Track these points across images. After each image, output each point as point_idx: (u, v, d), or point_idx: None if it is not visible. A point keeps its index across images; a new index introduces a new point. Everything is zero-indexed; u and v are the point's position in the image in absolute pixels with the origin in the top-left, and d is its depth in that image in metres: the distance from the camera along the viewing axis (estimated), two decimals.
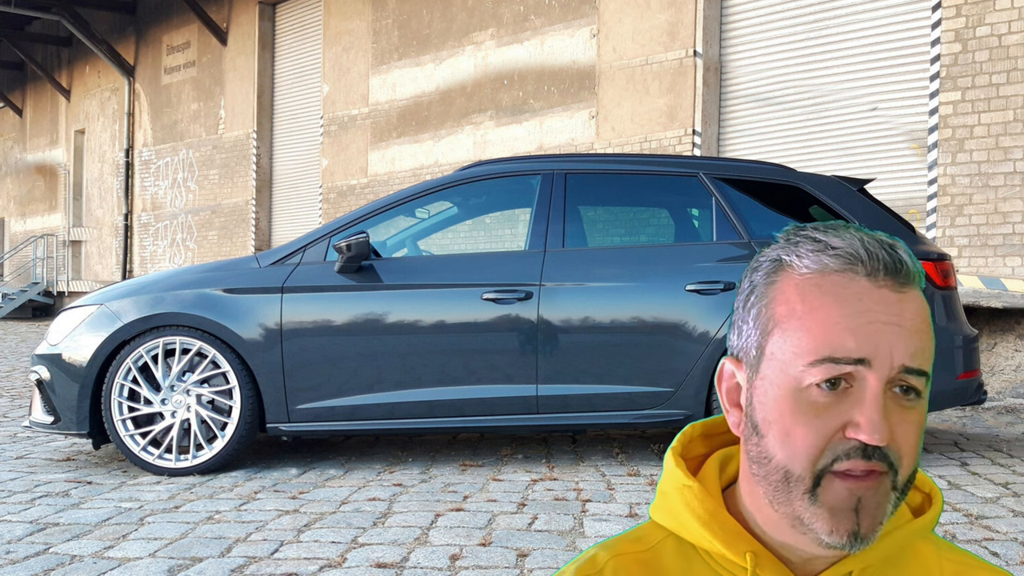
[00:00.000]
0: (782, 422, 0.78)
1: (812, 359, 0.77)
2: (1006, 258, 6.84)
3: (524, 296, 4.52)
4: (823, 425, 0.76)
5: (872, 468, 0.75)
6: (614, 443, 5.21)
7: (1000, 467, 4.44)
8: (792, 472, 0.77)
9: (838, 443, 0.76)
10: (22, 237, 23.61)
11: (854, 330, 0.76)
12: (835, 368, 0.76)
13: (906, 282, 0.79)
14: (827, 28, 8.33)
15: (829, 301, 0.78)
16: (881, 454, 0.75)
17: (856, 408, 0.76)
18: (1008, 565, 2.94)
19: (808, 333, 0.78)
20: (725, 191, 4.76)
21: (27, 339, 14.59)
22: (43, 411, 4.61)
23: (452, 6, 11.72)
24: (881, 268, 0.78)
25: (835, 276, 0.79)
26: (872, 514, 0.76)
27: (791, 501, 0.78)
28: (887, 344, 0.76)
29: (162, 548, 3.17)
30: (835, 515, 0.76)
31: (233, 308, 4.52)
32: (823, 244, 0.80)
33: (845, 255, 0.79)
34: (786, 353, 0.79)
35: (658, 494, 0.89)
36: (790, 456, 0.77)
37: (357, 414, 4.52)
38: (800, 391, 0.77)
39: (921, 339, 0.78)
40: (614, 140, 9.77)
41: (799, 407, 0.77)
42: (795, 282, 0.80)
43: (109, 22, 18.91)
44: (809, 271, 0.80)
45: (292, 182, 15.10)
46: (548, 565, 2.96)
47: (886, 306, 0.77)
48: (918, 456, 0.79)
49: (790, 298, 0.80)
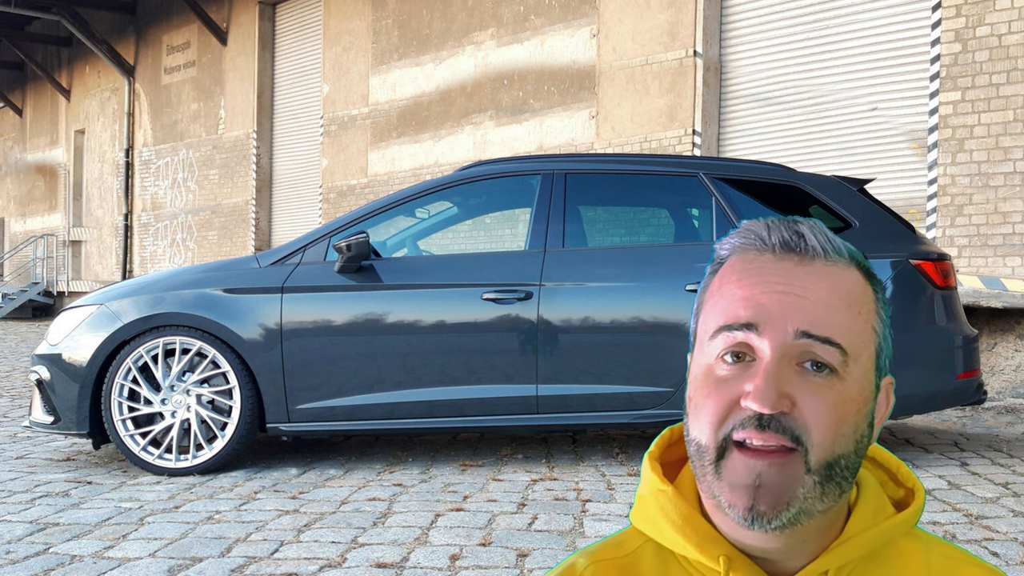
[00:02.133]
0: (696, 397, 0.80)
1: (712, 331, 0.80)
2: (1006, 258, 6.84)
3: (524, 296, 4.52)
4: (723, 394, 0.77)
5: (768, 440, 0.75)
6: (614, 443, 5.21)
7: (1000, 467, 4.44)
8: (700, 443, 0.79)
9: (736, 413, 0.76)
10: (22, 237, 23.61)
11: (748, 299, 0.79)
12: (729, 336, 0.78)
13: (811, 255, 0.80)
14: (827, 28, 8.33)
15: (735, 278, 0.81)
16: (779, 425, 0.75)
17: (751, 378, 0.77)
18: (1008, 565, 2.94)
19: (714, 308, 0.81)
20: (725, 191, 4.76)
21: (27, 339, 14.59)
22: (43, 411, 4.61)
23: (452, 6, 11.72)
24: (778, 243, 0.81)
25: (745, 255, 0.82)
26: (774, 493, 0.75)
27: (705, 475, 0.79)
28: (780, 310, 0.77)
29: (162, 548, 3.17)
30: (734, 489, 0.76)
31: (233, 308, 4.52)
32: (738, 229, 0.85)
33: (747, 232, 0.83)
34: (702, 331, 0.82)
35: (636, 499, 0.88)
36: (699, 428, 0.79)
37: (357, 414, 4.52)
38: (710, 367, 0.80)
39: (828, 310, 0.78)
40: (614, 140, 9.77)
41: (707, 380, 0.79)
42: (722, 270, 0.84)
43: (109, 22, 18.91)
44: (727, 253, 0.84)
45: (292, 182, 15.10)
46: (548, 565, 2.96)
47: (785, 277, 0.79)
48: (845, 441, 0.77)
49: (711, 283, 0.84)
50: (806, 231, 0.81)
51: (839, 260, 0.81)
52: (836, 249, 0.81)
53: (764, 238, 0.82)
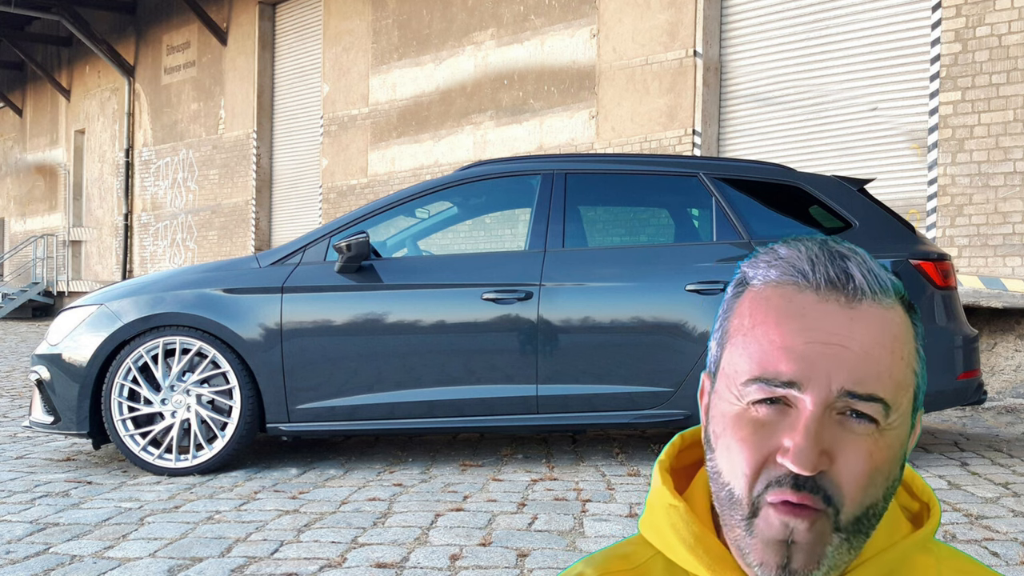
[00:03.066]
0: (726, 436, 0.76)
1: (747, 378, 0.75)
2: (1006, 258, 6.84)
3: (524, 296, 4.52)
4: (759, 443, 0.74)
5: (803, 500, 0.71)
6: (614, 443, 5.21)
7: (1000, 467, 4.44)
8: (734, 493, 0.75)
9: (771, 468, 0.73)
10: (22, 237, 23.61)
11: (788, 351, 0.73)
12: (767, 389, 0.73)
13: (857, 297, 0.74)
14: (827, 28, 8.33)
15: (771, 317, 0.75)
16: (814, 485, 0.71)
17: (789, 431, 0.72)
18: (1008, 565, 2.94)
19: (747, 350, 0.76)
20: (725, 191, 4.76)
21: (27, 339, 14.59)
22: (43, 411, 4.61)
23: (452, 6, 11.72)
24: (823, 281, 0.74)
25: (781, 289, 0.76)
26: (807, 551, 0.72)
27: (733, 527, 0.76)
28: (824, 367, 0.72)
29: (162, 548, 3.17)
30: (767, 547, 0.73)
31: (233, 308, 4.52)
32: (774, 254, 0.78)
33: (787, 266, 0.76)
34: (731, 369, 0.77)
35: (647, 508, 0.86)
36: (732, 474, 0.75)
37: (357, 414, 4.52)
38: (743, 409, 0.75)
39: (874, 362, 0.73)
40: (614, 140, 9.77)
41: (740, 423, 0.75)
42: (750, 296, 0.78)
43: (109, 22, 18.91)
44: (761, 283, 0.77)
45: (292, 182, 15.10)
46: (548, 565, 2.96)
47: (830, 324, 0.73)
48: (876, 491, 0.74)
49: (742, 312, 0.78)
50: (854, 270, 0.75)
51: (884, 299, 0.75)
52: (883, 287, 0.75)
53: (807, 274, 0.75)
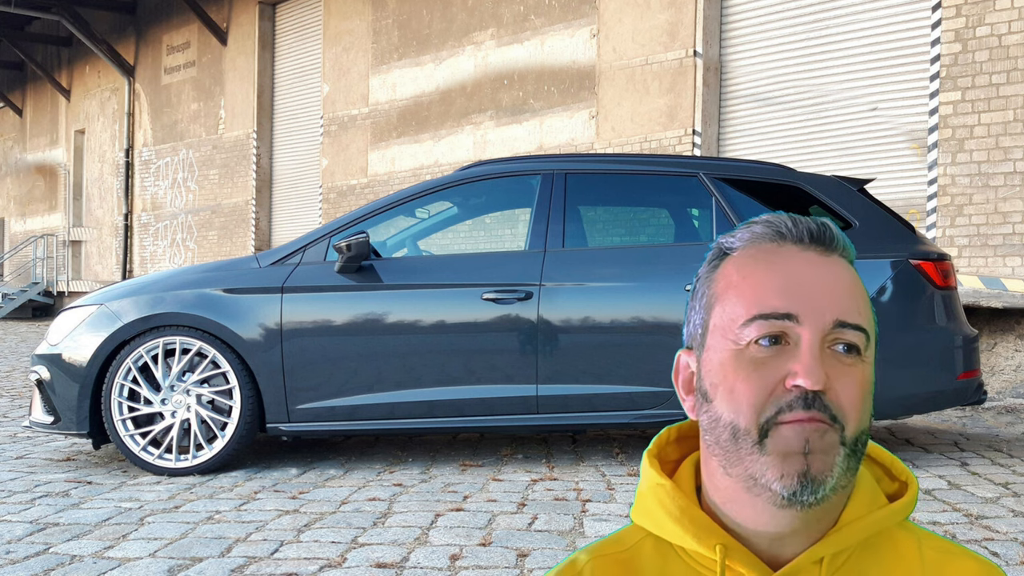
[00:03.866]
0: (726, 382, 0.81)
1: (746, 318, 0.81)
2: (1006, 258, 6.84)
3: (524, 296, 4.52)
4: (764, 377, 0.79)
5: (813, 417, 0.77)
6: (614, 443, 5.21)
7: (1000, 467, 4.44)
8: (739, 427, 0.80)
9: (780, 395, 0.79)
10: (22, 237, 23.61)
11: (783, 289, 0.81)
12: (766, 324, 0.80)
13: (832, 249, 0.84)
14: (827, 28, 8.33)
15: (760, 267, 0.83)
16: (821, 404, 0.78)
17: (793, 360, 0.79)
18: (1008, 565, 2.94)
19: (742, 297, 0.83)
20: (725, 191, 4.76)
21: (27, 339, 14.59)
22: (43, 411, 4.61)
23: (452, 6, 11.72)
24: (806, 234, 0.84)
25: (765, 245, 0.85)
26: (821, 457, 0.78)
27: (741, 459, 0.80)
28: (816, 300, 0.80)
29: (162, 548, 3.17)
30: (786, 459, 0.78)
31: (233, 308, 4.52)
32: (752, 221, 0.88)
33: (771, 224, 0.85)
34: (725, 319, 0.83)
35: (636, 496, 0.91)
36: (735, 411, 0.80)
37: (357, 414, 4.52)
38: (741, 351, 0.81)
39: (853, 298, 0.82)
40: (614, 140, 9.77)
41: (741, 364, 0.81)
42: (732, 261, 0.86)
43: (109, 22, 18.91)
44: (743, 244, 0.86)
45: (292, 182, 15.10)
46: (548, 565, 2.96)
47: (813, 267, 0.83)
48: (866, 418, 0.81)
49: (728, 274, 0.85)
50: (830, 225, 0.85)
51: (848, 255, 0.86)
52: (848, 246, 0.86)
53: (790, 228, 0.85)
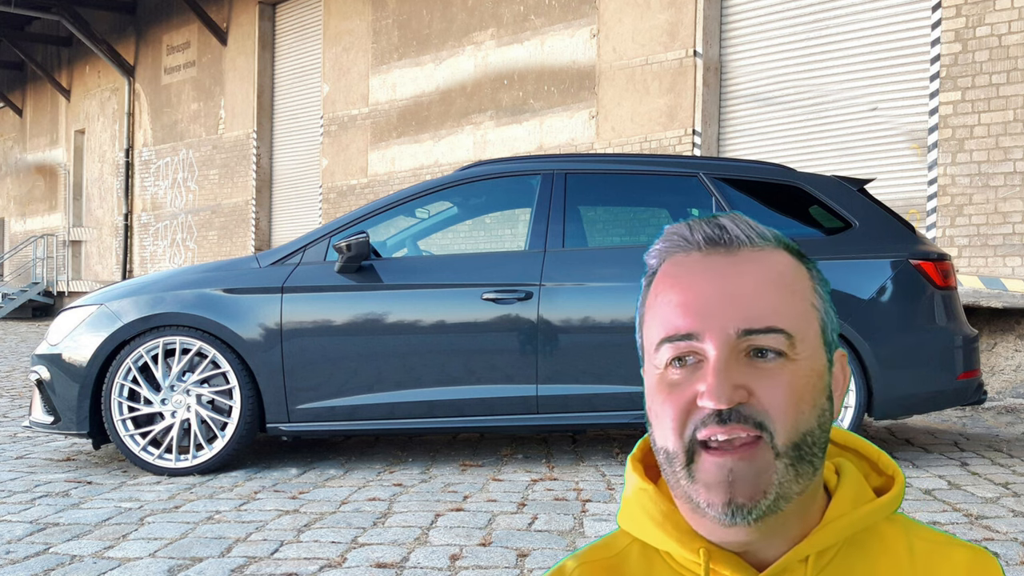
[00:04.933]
0: (653, 406, 0.81)
1: (656, 342, 0.81)
2: (1006, 258, 6.84)
3: (524, 296, 4.52)
4: (679, 399, 0.78)
5: (732, 431, 0.75)
6: (614, 443, 5.21)
7: (1000, 467, 4.44)
8: (668, 450, 0.79)
9: (696, 414, 0.77)
10: (22, 237, 23.61)
11: (684, 306, 0.79)
12: (672, 347, 0.79)
13: (735, 246, 0.81)
14: (827, 28, 8.33)
15: (668, 284, 0.81)
16: (739, 416, 0.76)
17: (702, 378, 0.77)
18: (1008, 565, 2.94)
19: (655, 319, 0.82)
20: (725, 191, 4.76)
21: (27, 339, 14.59)
22: (43, 411, 4.61)
23: (452, 6, 11.72)
24: (702, 239, 0.81)
25: (672, 258, 0.83)
26: (750, 483, 0.76)
27: (678, 482, 0.80)
28: (717, 313, 0.78)
29: (162, 548, 3.17)
30: (709, 488, 0.77)
31: (233, 308, 4.52)
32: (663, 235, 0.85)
33: (671, 236, 0.84)
34: (647, 343, 0.83)
35: (622, 502, 0.90)
36: (663, 435, 0.80)
37: (357, 414, 4.52)
38: (662, 375, 0.80)
39: (764, 298, 0.78)
40: (614, 140, 9.77)
41: (660, 386, 0.80)
42: (655, 278, 0.84)
43: (109, 22, 18.90)
44: (656, 261, 0.85)
45: (292, 182, 15.10)
46: (548, 565, 2.96)
47: (716, 274, 0.79)
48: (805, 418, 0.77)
49: (649, 293, 0.84)
50: (727, 222, 0.82)
51: (765, 245, 0.82)
52: (760, 235, 0.82)
53: (687, 237, 0.82)
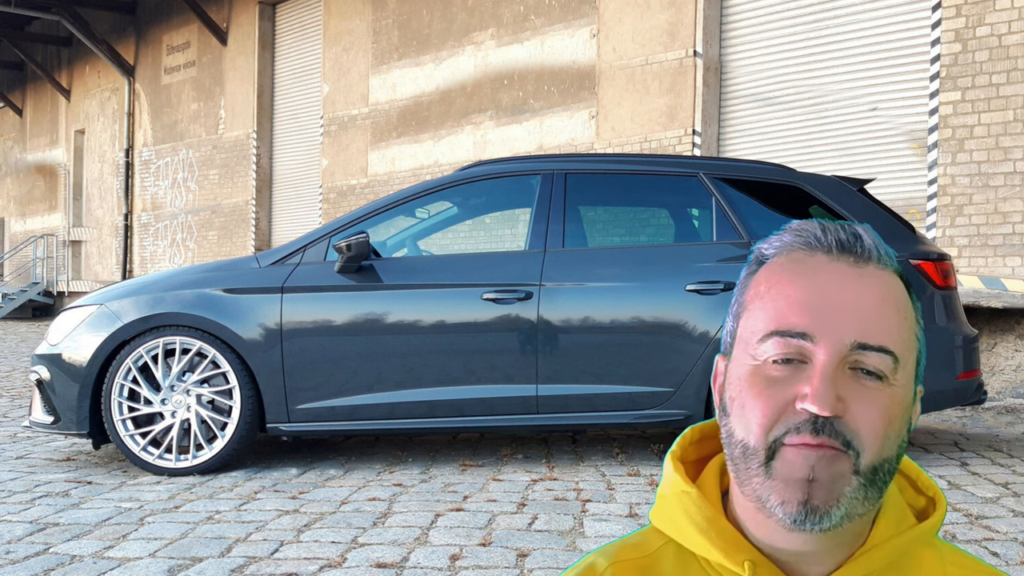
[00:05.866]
0: (741, 397, 0.79)
1: (763, 334, 0.79)
2: (1006, 258, 6.84)
3: (524, 296, 4.52)
4: (774, 396, 0.77)
5: (822, 443, 0.74)
6: (614, 443, 5.21)
7: (1000, 467, 4.44)
8: (748, 445, 0.78)
9: (790, 416, 0.76)
10: (22, 237, 23.61)
11: (803, 304, 0.78)
12: (782, 342, 0.77)
13: (864, 260, 0.80)
14: (827, 28, 8.33)
15: (786, 278, 0.80)
16: (832, 429, 0.75)
17: (806, 381, 0.76)
18: (1008, 565, 2.94)
19: (764, 310, 0.80)
20: (725, 191, 4.76)
21: (27, 339, 14.59)
22: (43, 411, 4.61)
23: (452, 6, 11.72)
24: (835, 244, 0.80)
25: (795, 254, 0.81)
26: (827, 488, 0.75)
27: (750, 479, 0.78)
28: (836, 319, 0.77)
29: (162, 548, 3.17)
30: (787, 485, 0.75)
31: (233, 308, 4.52)
32: (788, 228, 0.84)
33: (802, 232, 0.82)
34: (747, 332, 0.81)
35: (658, 499, 0.88)
36: (746, 429, 0.78)
37: (357, 414, 4.52)
38: (758, 367, 0.79)
39: (883, 317, 0.77)
40: (614, 140, 9.77)
41: (754, 381, 0.78)
42: (765, 269, 0.83)
43: (109, 22, 18.90)
44: (775, 252, 0.83)
45: (292, 182, 15.10)
46: (548, 565, 2.96)
47: (840, 282, 0.78)
48: (890, 445, 0.77)
49: (758, 283, 0.83)
50: (862, 233, 0.81)
51: (889, 265, 0.81)
52: (888, 255, 0.81)
53: (819, 237, 0.81)
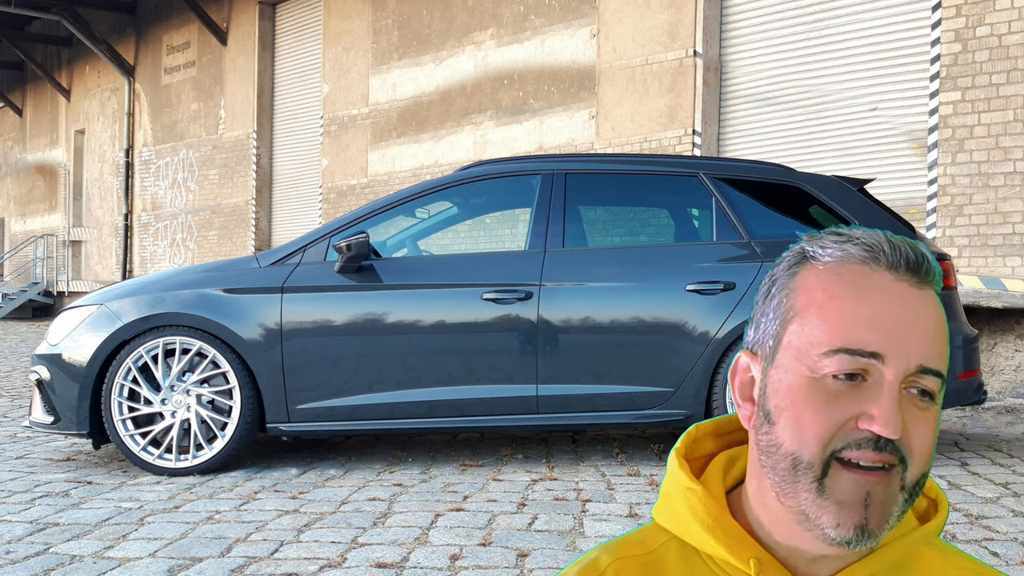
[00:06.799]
0: (793, 408, 0.77)
1: (828, 348, 0.77)
2: (1006, 258, 6.84)
3: (524, 296, 4.52)
4: (835, 412, 0.76)
5: (882, 460, 0.75)
6: (614, 443, 5.21)
7: (1000, 467, 4.44)
8: (800, 459, 0.76)
9: (850, 432, 0.75)
10: (22, 237, 23.61)
11: (872, 323, 0.76)
12: (850, 360, 0.76)
13: (926, 280, 0.79)
14: (827, 28, 8.33)
15: (849, 291, 0.77)
16: (893, 448, 0.75)
17: (870, 401, 0.75)
18: (1008, 565, 2.94)
19: (826, 322, 0.77)
20: (725, 191, 4.76)
21: (27, 339, 14.59)
22: (43, 411, 4.61)
23: (452, 6, 11.72)
24: (903, 262, 0.78)
25: (856, 267, 0.79)
26: (880, 510, 0.75)
27: (798, 492, 0.77)
28: (904, 341, 0.76)
29: (162, 548, 3.17)
30: (843, 508, 0.75)
31: (233, 308, 4.52)
32: (846, 236, 0.81)
33: (867, 245, 0.79)
34: (803, 341, 0.78)
35: (661, 495, 0.87)
36: (799, 442, 0.76)
37: (357, 414, 4.52)
38: (815, 380, 0.77)
39: (938, 340, 0.78)
40: (614, 140, 9.77)
41: (812, 394, 0.77)
42: (817, 272, 0.80)
43: (109, 22, 18.90)
44: (832, 259, 0.80)
45: (292, 182, 15.10)
46: (548, 565, 2.96)
47: (905, 302, 0.77)
48: (930, 461, 0.78)
49: (811, 287, 0.80)
50: (927, 254, 0.80)
51: (938, 285, 0.81)
52: (939, 275, 0.81)
53: (887, 253, 0.79)
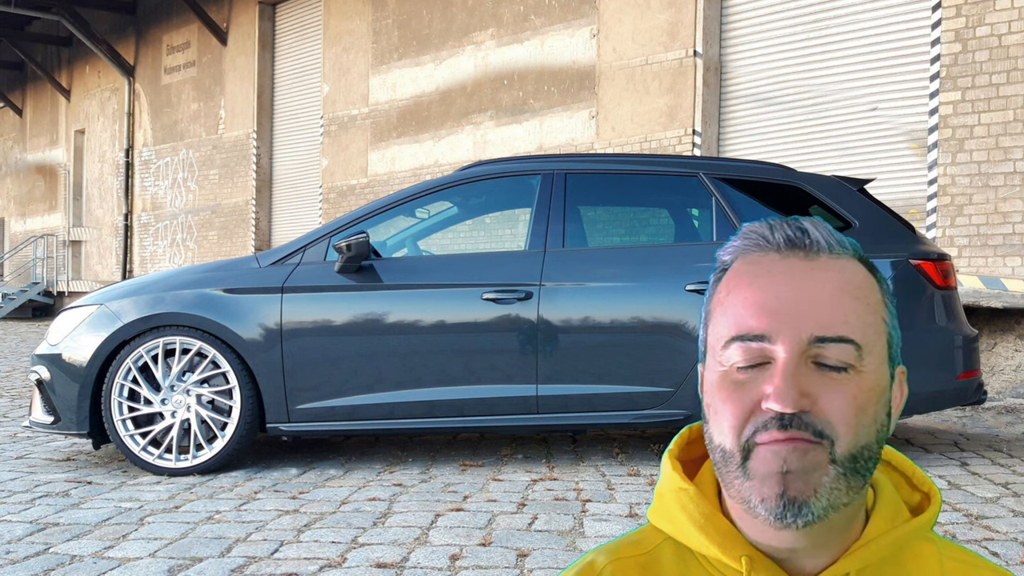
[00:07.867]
0: (713, 403, 0.81)
1: (725, 340, 0.80)
2: (1006, 258, 6.84)
3: (524, 296, 4.52)
4: (742, 399, 0.78)
5: (792, 436, 0.75)
6: (614, 443, 5.21)
7: (1000, 467, 4.44)
8: (725, 448, 0.79)
9: (758, 416, 0.77)
10: (22, 237, 23.61)
11: (758, 305, 0.79)
12: (743, 347, 0.78)
13: (815, 251, 0.80)
14: (827, 28, 8.33)
15: (743, 282, 0.81)
16: (800, 422, 0.75)
17: (768, 381, 0.77)
18: (1008, 565, 2.94)
19: (725, 315, 0.81)
20: (725, 191, 4.76)
21: (27, 339, 14.59)
22: (43, 411, 4.61)
23: (452, 6, 11.72)
24: (783, 241, 0.81)
25: (748, 256, 0.82)
26: (802, 478, 0.75)
27: (731, 482, 0.79)
28: (792, 317, 0.77)
29: (162, 548, 3.17)
30: (763, 481, 0.76)
31: (233, 308, 4.52)
32: (740, 233, 0.85)
33: (749, 234, 0.83)
34: (713, 338, 0.83)
35: (655, 497, 0.89)
36: (721, 433, 0.79)
37: (357, 414, 4.52)
38: (725, 373, 0.80)
39: (839, 307, 0.78)
40: (614, 140, 9.77)
41: (723, 386, 0.80)
42: (727, 274, 0.84)
43: (109, 22, 18.91)
44: (732, 259, 0.84)
45: (292, 182, 15.10)
46: (548, 565, 2.96)
47: (791, 278, 0.79)
48: (866, 432, 0.77)
49: (720, 289, 0.84)
50: (809, 227, 0.82)
51: (843, 254, 0.81)
52: (840, 242, 0.82)
53: (767, 237, 0.82)
